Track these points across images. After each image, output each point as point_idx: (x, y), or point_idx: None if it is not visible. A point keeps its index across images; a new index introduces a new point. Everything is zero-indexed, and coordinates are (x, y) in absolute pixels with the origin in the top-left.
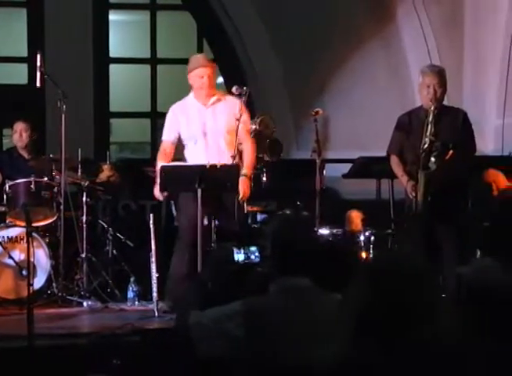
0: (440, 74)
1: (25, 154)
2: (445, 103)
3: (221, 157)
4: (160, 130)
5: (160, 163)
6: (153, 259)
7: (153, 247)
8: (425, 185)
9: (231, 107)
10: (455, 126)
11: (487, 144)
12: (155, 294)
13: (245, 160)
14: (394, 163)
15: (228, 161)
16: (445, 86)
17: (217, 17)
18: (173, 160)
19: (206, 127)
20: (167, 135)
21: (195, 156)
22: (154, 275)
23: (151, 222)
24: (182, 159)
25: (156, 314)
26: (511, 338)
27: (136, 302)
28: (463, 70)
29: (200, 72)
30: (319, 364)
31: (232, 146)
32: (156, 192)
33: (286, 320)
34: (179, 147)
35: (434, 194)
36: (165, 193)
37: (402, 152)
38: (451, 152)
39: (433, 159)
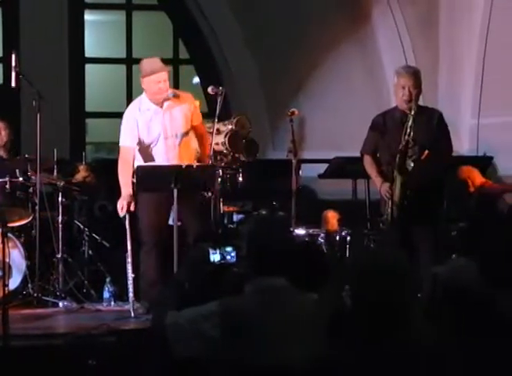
0: (415, 75)
1: (3, 153)
2: (421, 102)
3: (180, 157)
4: None
5: (124, 172)
6: (129, 260)
7: (129, 247)
8: (401, 187)
9: (185, 108)
10: (430, 126)
11: (462, 144)
12: (131, 295)
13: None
14: (368, 163)
15: (189, 161)
16: (420, 87)
17: (193, 17)
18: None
19: (166, 131)
20: (130, 142)
21: (156, 156)
22: (130, 275)
23: (127, 222)
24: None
25: (132, 315)
26: (486, 338)
27: (112, 303)
28: (438, 69)
29: (157, 77)
30: (296, 364)
31: (189, 147)
32: (121, 211)
33: (262, 320)
34: None
35: (410, 196)
36: (133, 205)
37: (375, 152)
38: (426, 152)
39: (412, 164)
